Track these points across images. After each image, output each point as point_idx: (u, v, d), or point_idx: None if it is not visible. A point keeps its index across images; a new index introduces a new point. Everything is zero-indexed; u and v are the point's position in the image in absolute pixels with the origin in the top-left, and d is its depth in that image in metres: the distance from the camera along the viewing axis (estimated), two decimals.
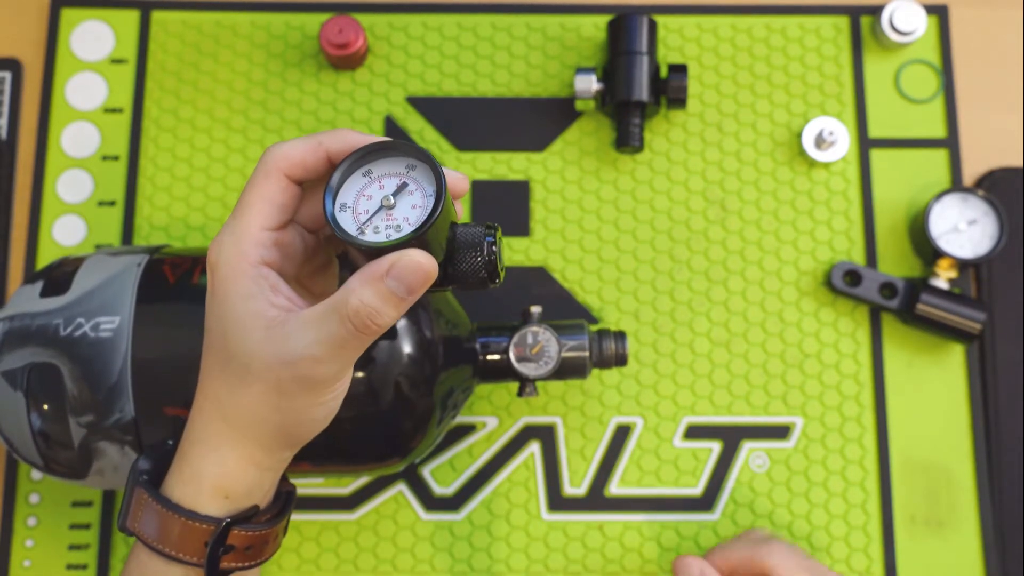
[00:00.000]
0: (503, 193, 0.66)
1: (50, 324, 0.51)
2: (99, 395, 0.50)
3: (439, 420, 0.55)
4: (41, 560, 0.61)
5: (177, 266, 0.53)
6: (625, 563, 0.62)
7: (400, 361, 0.51)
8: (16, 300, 0.53)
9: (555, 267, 0.66)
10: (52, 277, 0.53)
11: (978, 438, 0.63)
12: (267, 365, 0.40)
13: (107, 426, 0.50)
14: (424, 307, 0.53)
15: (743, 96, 0.68)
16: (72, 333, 0.50)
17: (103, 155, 0.67)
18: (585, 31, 0.69)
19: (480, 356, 0.57)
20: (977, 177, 0.67)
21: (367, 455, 0.54)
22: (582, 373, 0.58)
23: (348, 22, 0.65)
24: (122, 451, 0.51)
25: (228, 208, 0.66)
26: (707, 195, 0.66)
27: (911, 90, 0.68)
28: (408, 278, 0.39)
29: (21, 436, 0.52)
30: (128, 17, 0.69)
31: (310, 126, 0.67)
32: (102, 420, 0.50)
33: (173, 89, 0.68)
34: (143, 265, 0.52)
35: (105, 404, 0.50)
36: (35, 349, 0.51)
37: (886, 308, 0.64)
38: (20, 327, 0.51)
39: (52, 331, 0.51)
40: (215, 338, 0.42)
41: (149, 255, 0.53)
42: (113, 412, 0.50)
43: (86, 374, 0.50)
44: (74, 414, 0.50)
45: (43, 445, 0.51)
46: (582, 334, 0.58)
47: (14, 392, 0.51)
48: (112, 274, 0.52)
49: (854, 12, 0.69)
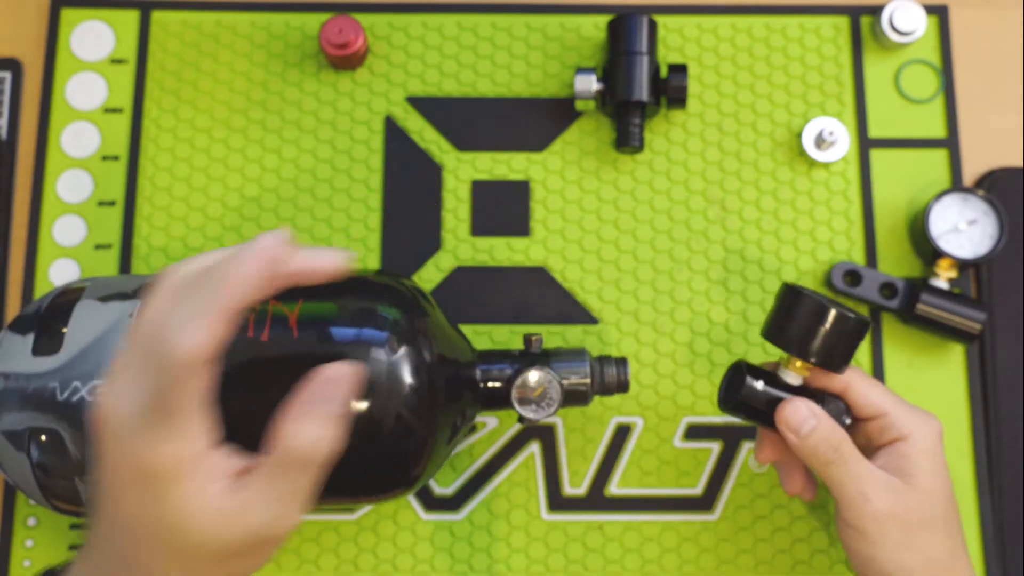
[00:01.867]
0: (503, 193, 0.66)
1: (46, 388, 0.50)
2: None
3: (442, 448, 0.54)
4: (41, 560, 0.61)
5: None
6: (625, 563, 0.62)
7: (400, 392, 0.51)
8: (8, 354, 0.52)
9: (555, 267, 0.66)
10: (43, 331, 0.52)
11: (978, 438, 0.63)
12: (225, 544, 0.37)
13: None
14: (424, 334, 0.52)
15: (743, 96, 0.68)
16: (69, 398, 0.50)
17: (103, 155, 0.67)
18: (585, 31, 0.69)
19: (481, 384, 0.56)
20: (977, 177, 0.67)
21: (370, 488, 0.54)
22: (584, 401, 0.57)
23: (348, 22, 0.65)
24: None
25: (228, 208, 0.66)
26: (707, 195, 0.66)
27: (911, 90, 0.68)
28: (339, 391, 0.38)
29: (31, 491, 0.52)
30: (128, 17, 0.69)
31: (310, 126, 0.67)
32: None
33: (173, 89, 0.68)
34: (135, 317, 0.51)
35: None
36: (33, 413, 0.50)
37: (886, 308, 0.64)
38: (16, 388, 0.51)
39: (49, 396, 0.50)
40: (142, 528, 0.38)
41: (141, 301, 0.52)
42: None
43: (87, 439, 0.50)
44: (78, 475, 0.50)
45: (54, 499, 0.52)
46: (583, 363, 0.57)
47: (18, 453, 0.51)
48: (104, 329, 0.51)
49: (854, 12, 0.69)
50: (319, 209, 0.66)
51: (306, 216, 0.66)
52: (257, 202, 0.66)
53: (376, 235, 0.66)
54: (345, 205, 0.66)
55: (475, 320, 0.65)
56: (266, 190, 0.66)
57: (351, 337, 0.50)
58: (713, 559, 0.62)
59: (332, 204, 0.66)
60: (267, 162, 0.67)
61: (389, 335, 0.51)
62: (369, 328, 0.51)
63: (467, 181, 0.67)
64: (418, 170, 0.67)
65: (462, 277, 0.65)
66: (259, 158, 0.67)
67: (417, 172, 0.67)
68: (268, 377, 0.50)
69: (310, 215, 0.66)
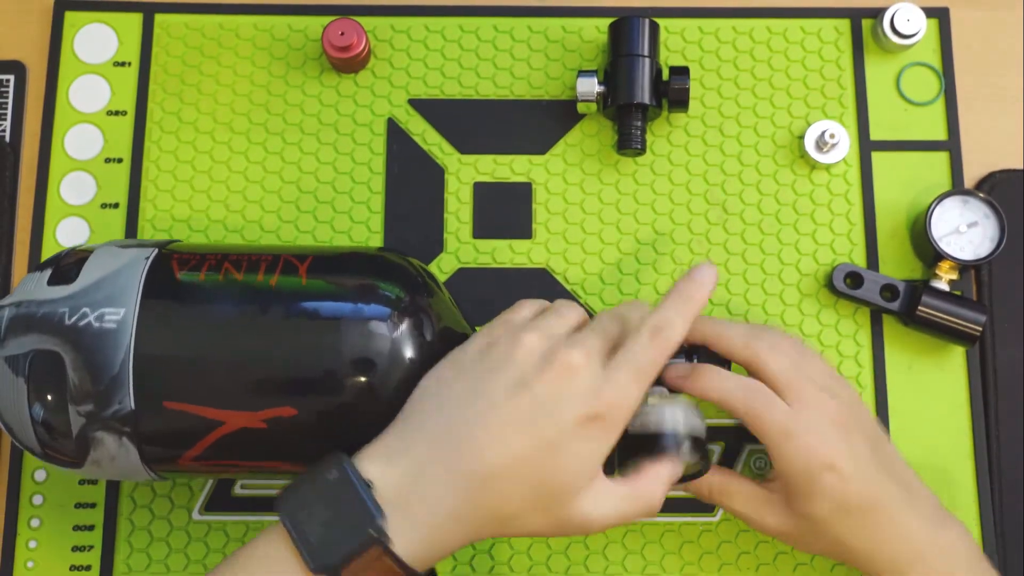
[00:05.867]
0: (505, 196, 0.67)
1: (55, 312, 0.51)
2: (100, 386, 0.50)
3: None
4: (45, 561, 0.62)
5: (185, 262, 0.53)
6: (627, 565, 0.62)
7: (402, 365, 0.51)
8: (23, 287, 0.53)
9: (557, 269, 0.66)
10: (61, 266, 0.53)
11: (978, 440, 0.63)
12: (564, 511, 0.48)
13: (106, 416, 0.51)
14: (426, 312, 0.53)
15: (744, 99, 0.68)
16: (77, 322, 0.51)
17: (106, 157, 0.67)
18: (587, 34, 0.69)
19: None
20: (978, 179, 0.67)
21: None
22: None
23: (350, 25, 0.65)
24: (120, 442, 0.51)
25: (230, 211, 0.66)
26: (709, 198, 0.67)
27: (912, 92, 0.68)
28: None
29: (20, 422, 0.52)
30: (131, 20, 0.69)
31: (313, 129, 0.67)
32: (102, 410, 0.51)
33: (176, 92, 0.68)
34: (151, 258, 0.53)
35: (105, 395, 0.50)
36: (39, 336, 0.51)
37: (887, 310, 0.64)
38: (25, 314, 0.51)
39: (57, 319, 0.51)
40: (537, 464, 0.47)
41: (159, 249, 0.54)
42: (113, 403, 0.50)
43: (88, 364, 0.50)
44: (74, 403, 0.51)
45: (42, 432, 0.52)
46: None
47: (15, 378, 0.51)
48: (120, 265, 0.53)
49: (855, 15, 0.69)
50: (321, 211, 0.66)
51: (308, 218, 0.66)
52: (260, 204, 0.66)
53: (378, 237, 0.66)
54: (347, 207, 0.66)
55: (477, 322, 0.64)
56: (268, 192, 0.66)
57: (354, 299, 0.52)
58: (715, 561, 0.62)
59: (334, 206, 0.66)
60: (270, 165, 0.67)
61: (392, 311, 0.52)
62: (374, 303, 0.52)
63: (469, 183, 0.67)
64: (420, 172, 0.67)
65: (464, 279, 0.65)
66: (262, 161, 0.67)
67: (419, 174, 0.67)
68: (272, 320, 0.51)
69: (312, 217, 0.66)
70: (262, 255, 0.54)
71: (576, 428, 0.47)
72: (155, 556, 0.62)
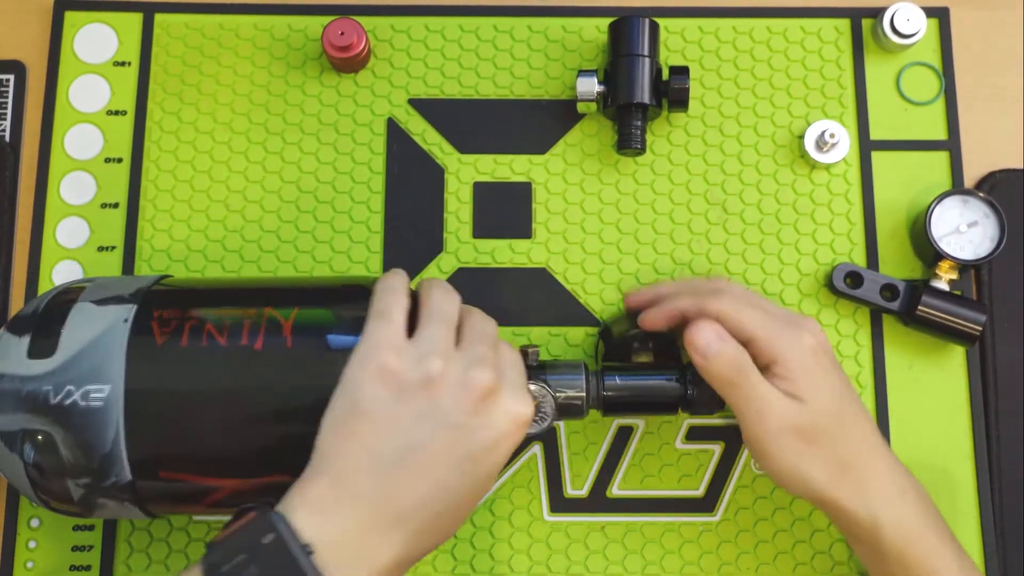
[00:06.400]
0: (505, 195, 0.67)
1: (39, 391, 0.50)
2: (93, 463, 0.50)
3: None
4: (44, 561, 0.62)
5: (167, 323, 0.51)
6: (627, 564, 0.62)
7: None
8: (4, 354, 0.52)
9: (557, 269, 0.66)
10: (39, 333, 0.52)
11: (979, 439, 0.63)
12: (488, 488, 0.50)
13: (105, 487, 0.51)
14: None
15: (744, 98, 0.68)
16: (62, 402, 0.50)
17: (106, 157, 0.67)
18: (587, 33, 0.69)
19: None
20: (978, 179, 0.67)
21: None
22: (579, 414, 0.56)
23: (350, 25, 0.65)
24: (122, 505, 0.52)
25: (230, 211, 0.66)
26: (708, 197, 0.67)
27: (912, 92, 0.68)
28: None
29: (24, 488, 0.52)
30: (131, 20, 0.69)
31: (312, 128, 0.67)
32: (99, 482, 0.50)
33: (176, 92, 0.68)
34: (131, 322, 0.51)
35: (101, 470, 0.50)
36: (27, 416, 0.50)
37: (887, 310, 0.64)
38: (11, 390, 0.51)
39: (42, 399, 0.50)
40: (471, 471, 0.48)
41: (137, 305, 0.52)
42: (110, 476, 0.50)
43: (79, 443, 0.50)
44: (71, 477, 0.50)
45: (45, 497, 0.52)
46: (579, 376, 0.56)
47: (11, 453, 0.51)
48: (100, 332, 0.51)
49: (855, 15, 0.69)
50: (321, 211, 0.66)
51: (308, 218, 0.66)
52: (260, 204, 0.66)
53: (378, 237, 0.66)
54: (347, 207, 0.66)
55: None
56: (269, 192, 0.66)
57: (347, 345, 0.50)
58: (715, 561, 0.62)
59: (334, 206, 0.66)
60: (270, 164, 0.67)
61: None
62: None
63: (469, 183, 0.67)
64: (420, 172, 0.67)
65: (464, 279, 0.65)
66: (262, 160, 0.67)
67: (419, 174, 0.67)
68: (262, 387, 0.50)
69: (312, 217, 0.66)
70: (244, 314, 0.52)
71: (505, 439, 0.49)
72: (155, 556, 0.62)
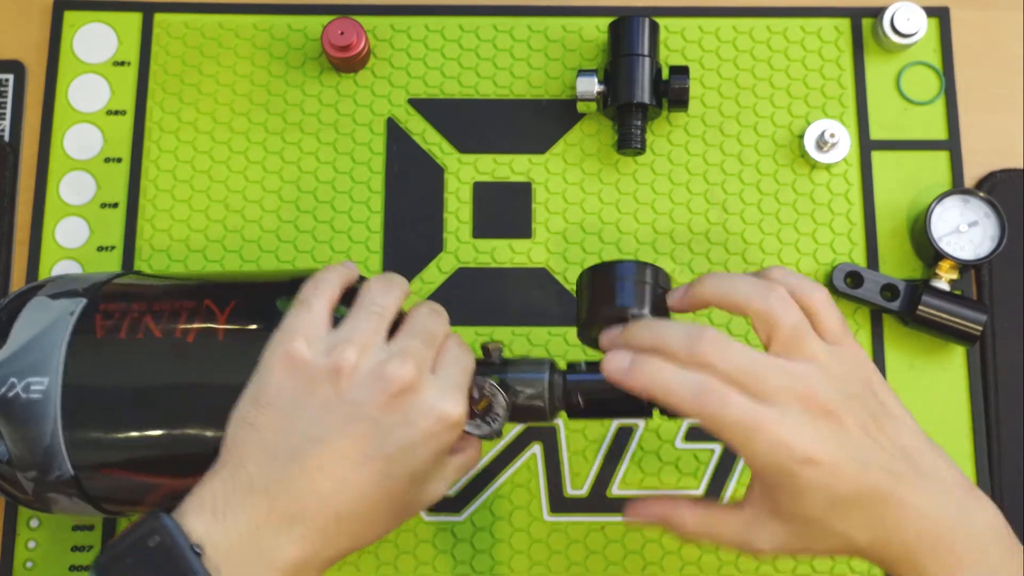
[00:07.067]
0: (505, 195, 0.67)
1: None
2: (36, 456, 0.50)
3: None
4: (44, 561, 0.62)
5: (110, 315, 0.51)
6: (627, 565, 0.62)
7: None
8: None
9: (557, 269, 0.66)
10: None
11: (979, 439, 0.63)
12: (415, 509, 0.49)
13: (51, 481, 0.50)
14: None
15: (744, 98, 0.68)
16: (6, 394, 0.50)
17: (105, 157, 0.67)
18: (587, 33, 0.69)
19: None
20: (978, 179, 0.67)
21: None
22: (542, 416, 0.51)
23: (350, 24, 0.65)
24: (72, 500, 0.51)
25: (230, 210, 0.66)
26: (708, 197, 0.66)
27: (912, 92, 0.68)
28: None
29: None
30: (130, 19, 0.69)
31: (312, 128, 0.67)
32: (45, 476, 0.50)
33: (175, 91, 0.68)
34: (77, 315, 0.51)
35: (44, 463, 0.50)
36: None
37: (887, 310, 0.64)
38: None
39: None
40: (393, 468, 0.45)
41: (87, 299, 0.52)
42: (53, 470, 0.50)
43: (22, 436, 0.50)
44: (19, 470, 0.50)
45: (10, 490, 0.52)
46: (540, 374, 0.50)
47: None
48: (46, 325, 0.51)
49: (855, 14, 0.69)
50: (321, 211, 0.66)
51: (308, 218, 0.66)
52: (259, 204, 0.66)
53: (378, 237, 0.66)
54: (347, 207, 0.66)
55: (477, 322, 0.65)
56: (268, 192, 0.66)
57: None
58: (715, 561, 0.62)
59: (334, 206, 0.66)
60: (269, 164, 0.67)
61: None
62: None
63: (469, 183, 0.67)
64: (420, 172, 0.67)
65: (464, 279, 0.65)
66: (261, 160, 0.67)
67: (419, 174, 0.67)
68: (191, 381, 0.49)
69: (312, 217, 0.66)
70: (183, 303, 0.51)
71: (428, 439, 0.46)
72: None
